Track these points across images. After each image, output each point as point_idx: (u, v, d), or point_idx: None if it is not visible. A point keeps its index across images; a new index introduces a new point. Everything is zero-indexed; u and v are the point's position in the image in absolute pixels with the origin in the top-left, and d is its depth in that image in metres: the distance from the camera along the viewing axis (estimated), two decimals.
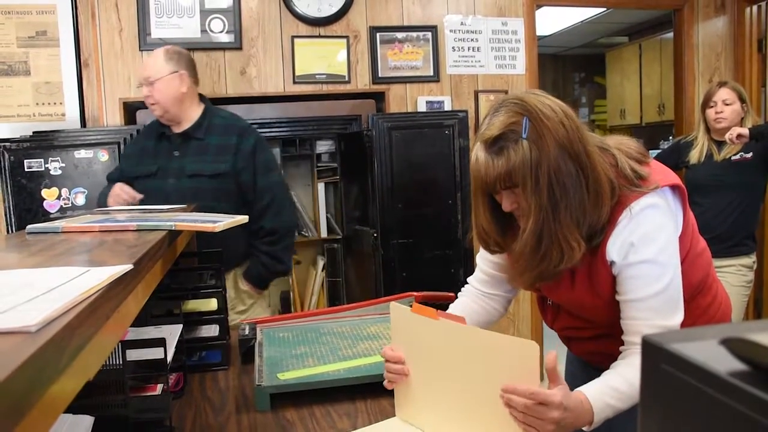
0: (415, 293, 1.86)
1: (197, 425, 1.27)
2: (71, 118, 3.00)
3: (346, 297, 3.51)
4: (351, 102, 3.34)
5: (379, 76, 3.36)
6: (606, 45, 6.72)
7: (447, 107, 3.43)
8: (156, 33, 3.08)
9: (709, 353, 0.36)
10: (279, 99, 3.26)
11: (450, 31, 3.47)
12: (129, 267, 0.80)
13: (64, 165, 2.79)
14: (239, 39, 3.18)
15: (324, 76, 3.31)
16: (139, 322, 1.34)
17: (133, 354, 1.10)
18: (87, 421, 0.92)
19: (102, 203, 2.24)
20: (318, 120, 3.25)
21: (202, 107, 2.29)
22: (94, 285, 0.66)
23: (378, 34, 3.36)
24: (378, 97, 3.40)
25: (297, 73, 3.26)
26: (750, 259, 2.84)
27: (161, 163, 2.22)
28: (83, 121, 3.02)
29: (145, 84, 2.20)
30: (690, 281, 1.18)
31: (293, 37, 3.25)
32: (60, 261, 0.92)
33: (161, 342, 1.12)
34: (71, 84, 3.00)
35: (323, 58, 3.30)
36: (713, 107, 2.83)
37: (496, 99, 1.16)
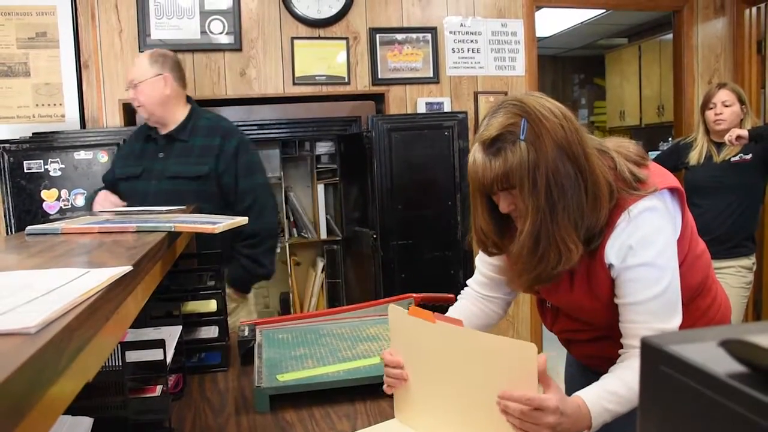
0: (415, 294, 1.86)
1: (197, 426, 1.27)
2: (71, 119, 3.00)
3: (345, 298, 3.51)
4: (351, 103, 3.34)
5: (379, 77, 3.36)
6: (605, 46, 6.72)
7: (446, 108, 3.43)
8: (156, 34, 3.08)
9: (708, 355, 0.36)
10: (279, 100, 3.26)
11: (450, 33, 3.47)
12: (128, 268, 0.80)
13: (63, 166, 2.79)
14: (239, 40, 3.18)
15: (324, 77, 3.31)
16: (139, 323, 1.34)
17: (133, 355, 1.10)
18: (86, 423, 0.92)
19: (90, 207, 2.25)
20: (318, 121, 3.26)
21: (188, 109, 2.28)
22: (93, 286, 0.66)
23: (378, 35, 3.36)
24: (378, 99, 3.40)
25: (297, 75, 3.26)
26: (749, 261, 2.84)
27: (146, 165, 2.23)
28: (83, 123, 3.02)
29: (131, 87, 2.23)
30: (689, 283, 1.18)
31: (293, 39, 3.25)
32: (59, 262, 0.92)
33: (161, 343, 1.12)
34: (71, 85, 3.00)
35: (323, 59, 3.30)
36: (713, 109, 2.83)
37: (495, 100, 1.16)
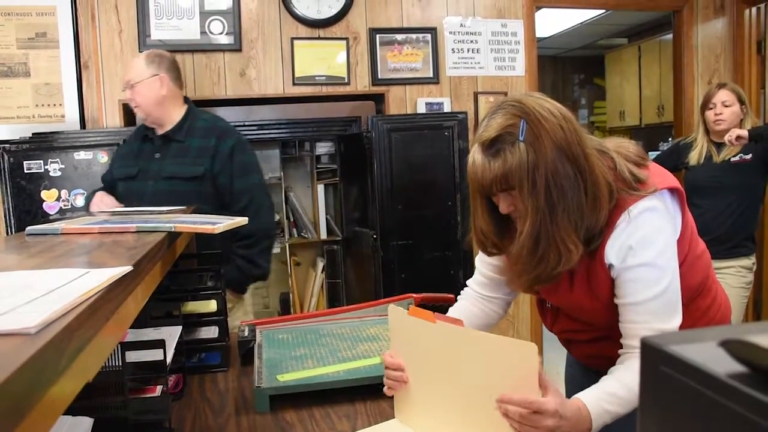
0: (415, 295, 1.86)
1: (197, 427, 1.27)
2: (71, 119, 3.00)
3: (345, 298, 3.51)
4: (350, 104, 3.34)
5: (379, 77, 3.36)
6: (605, 47, 6.72)
7: (446, 109, 3.43)
8: (156, 35, 3.08)
9: (709, 355, 0.36)
10: (278, 101, 3.26)
11: (449, 33, 3.47)
12: (128, 269, 0.80)
13: (63, 166, 2.79)
14: (239, 41, 3.18)
15: (323, 77, 3.31)
16: (139, 323, 1.34)
17: (133, 355, 1.10)
18: (86, 423, 0.92)
19: (88, 208, 2.26)
20: (318, 122, 3.26)
21: (185, 109, 2.28)
22: (93, 287, 0.66)
23: (377, 35, 3.36)
24: (378, 99, 3.40)
25: (296, 75, 3.26)
26: (749, 261, 2.84)
27: (142, 165, 2.23)
28: (83, 123, 3.02)
29: (128, 87, 2.23)
30: (689, 283, 1.18)
31: (293, 39, 3.25)
32: (59, 262, 0.92)
33: (161, 343, 1.12)
34: (71, 85, 3.00)
35: (323, 59, 3.30)
36: (712, 109, 2.83)
37: (495, 101, 1.15)
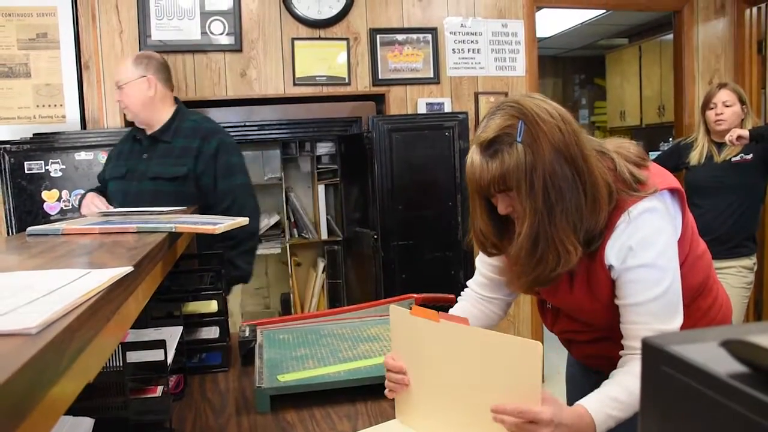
0: (415, 295, 1.86)
1: (197, 427, 1.27)
2: (71, 120, 3.01)
3: (346, 299, 3.51)
4: (351, 104, 3.34)
5: (380, 78, 3.36)
6: (606, 47, 6.72)
7: (447, 109, 3.43)
8: (156, 35, 3.08)
9: (710, 355, 0.36)
10: (279, 101, 3.26)
11: (450, 33, 3.47)
12: (129, 269, 0.80)
13: (64, 167, 2.79)
14: (239, 41, 3.18)
15: (324, 78, 3.31)
16: (140, 323, 1.34)
17: (134, 356, 1.10)
18: (87, 423, 0.92)
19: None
20: (318, 122, 3.26)
21: (173, 110, 2.29)
22: (94, 287, 0.66)
23: (378, 36, 3.36)
24: (378, 99, 3.40)
25: (297, 75, 3.26)
26: (750, 261, 2.84)
27: (130, 166, 2.24)
28: (83, 123, 3.02)
29: (117, 88, 2.26)
30: (690, 284, 1.17)
31: (293, 39, 3.25)
32: (60, 263, 0.92)
33: (161, 344, 1.12)
34: (72, 86, 3.00)
35: (323, 60, 3.30)
36: (713, 109, 2.83)
37: (495, 101, 1.15)
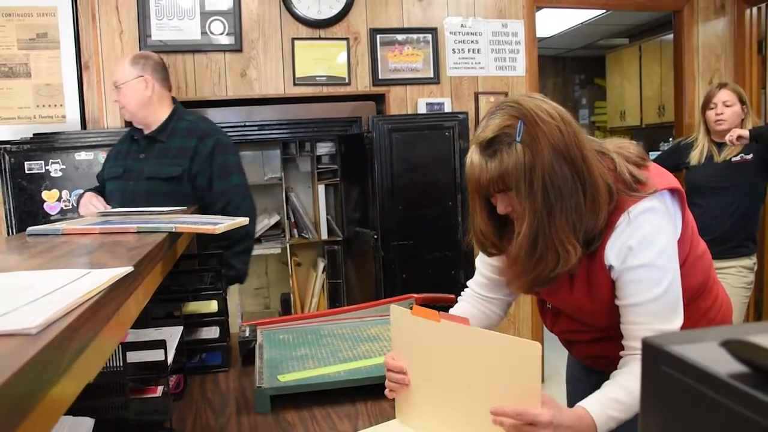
0: (416, 295, 1.86)
1: (197, 427, 1.27)
2: (72, 120, 3.01)
3: (346, 299, 3.51)
4: (351, 104, 3.34)
5: (380, 78, 3.36)
6: (606, 47, 6.71)
7: (447, 109, 3.43)
8: (156, 35, 3.08)
9: (710, 355, 0.36)
10: (279, 101, 3.26)
11: (450, 33, 3.47)
12: (129, 269, 0.80)
13: (64, 167, 2.79)
14: (239, 41, 3.18)
15: (324, 78, 3.31)
16: (140, 323, 1.34)
17: (134, 356, 1.10)
18: (87, 423, 0.92)
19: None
20: (318, 122, 3.26)
21: (171, 110, 2.29)
22: (94, 287, 0.66)
23: (378, 36, 3.36)
24: (378, 99, 3.40)
25: (297, 75, 3.26)
26: (750, 261, 2.84)
27: (127, 166, 2.25)
28: (83, 123, 3.02)
29: (114, 88, 2.27)
30: (690, 284, 1.17)
31: (293, 39, 3.25)
32: (60, 263, 0.92)
33: (161, 344, 1.12)
34: (72, 86, 3.00)
35: (323, 60, 3.30)
36: (713, 109, 2.83)
37: (495, 101, 1.15)
